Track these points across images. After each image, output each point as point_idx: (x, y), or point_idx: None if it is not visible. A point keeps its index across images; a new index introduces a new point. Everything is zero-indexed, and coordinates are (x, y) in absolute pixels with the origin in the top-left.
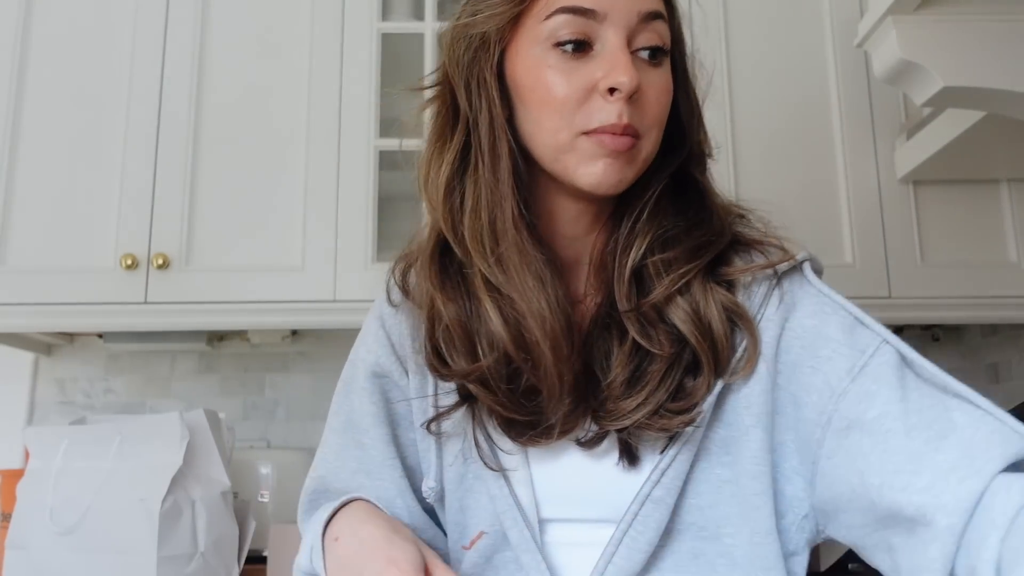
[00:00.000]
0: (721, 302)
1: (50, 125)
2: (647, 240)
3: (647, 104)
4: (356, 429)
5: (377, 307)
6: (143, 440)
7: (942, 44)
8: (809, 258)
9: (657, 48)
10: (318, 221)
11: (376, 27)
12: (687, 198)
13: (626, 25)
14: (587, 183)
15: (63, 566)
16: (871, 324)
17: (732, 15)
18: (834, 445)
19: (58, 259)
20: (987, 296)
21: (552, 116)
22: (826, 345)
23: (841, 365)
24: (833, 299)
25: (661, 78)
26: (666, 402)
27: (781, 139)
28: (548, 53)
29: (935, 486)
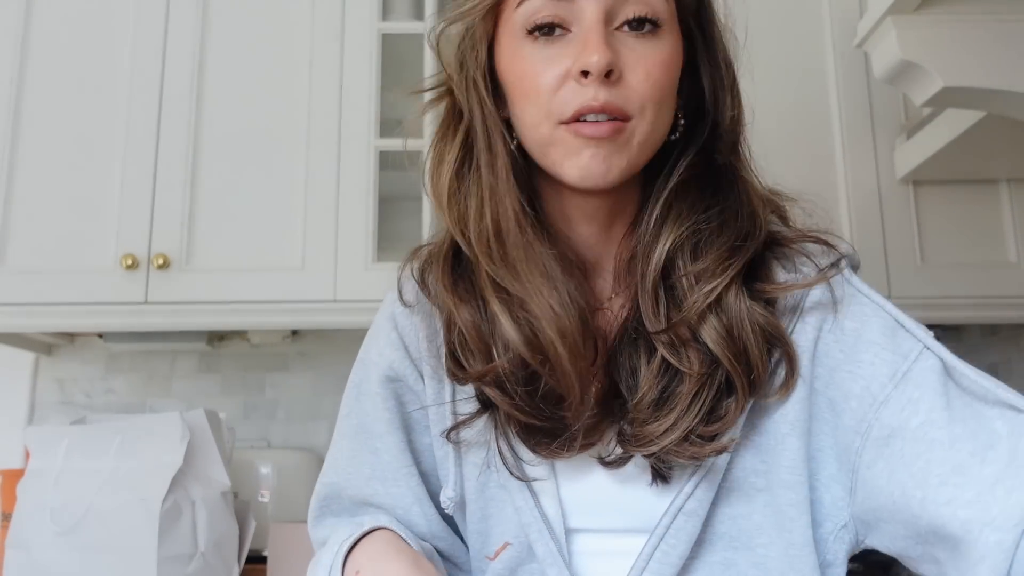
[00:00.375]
0: (758, 322)
1: (50, 125)
2: (671, 241)
3: (634, 82)
4: (369, 434)
5: (388, 307)
6: (143, 440)
7: (942, 44)
8: (849, 254)
9: (643, 19)
10: (318, 221)
11: (376, 27)
12: (718, 187)
13: (599, 1)
14: (573, 177)
15: (63, 566)
16: (912, 328)
17: (731, 15)
18: (875, 454)
19: (58, 259)
20: (987, 296)
21: (532, 108)
22: (867, 349)
23: (883, 371)
24: (873, 299)
25: (653, 50)
26: (697, 427)
27: (781, 139)
28: (523, 42)
29: (981, 499)
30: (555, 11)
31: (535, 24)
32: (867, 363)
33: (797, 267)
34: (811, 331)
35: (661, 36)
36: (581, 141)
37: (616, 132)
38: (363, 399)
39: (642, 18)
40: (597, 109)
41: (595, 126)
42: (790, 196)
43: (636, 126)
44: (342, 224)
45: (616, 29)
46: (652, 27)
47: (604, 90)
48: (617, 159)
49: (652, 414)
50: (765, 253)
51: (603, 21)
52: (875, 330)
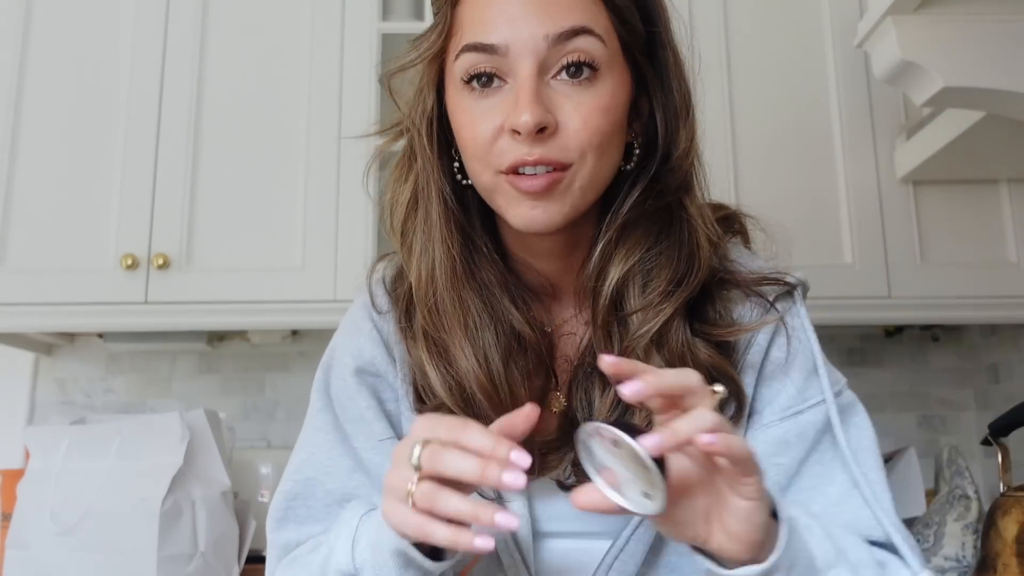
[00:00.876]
0: (702, 361)
1: (50, 125)
2: (618, 276)
3: (572, 130)
4: (349, 425)
5: (363, 308)
6: (143, 440)
7: (942, 44)
8: (802, 282)
9: (579, 65)
10: (318, 221)
11: (376, 27)
12: (667, 222)
13: (534, 53)
14: (518, 224)
15: (63, 566)
16: (823, 376)
17: (732, 15)
18: None
19: (58, 259)
20: (987, 296)
21: (473, 158)
22: (782, 379)
23: (783, 401)
24: (808, 335)
25: (591, 96)
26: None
27: (781, 139)
28: (463, 92)
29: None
30: (490, 63)
31: (470, 75)
32: (776, 389)
33: (752, 306)
34: (759, 353)
35: (600, 80)
36: (520, 194)
37: (554, 183)
38: (340, 394)
39: (578, 64)
40: (532, 163)
41: (532, 180)
42: (751, 215)
43: (576, 172)
44: (342, 224)
45: (552, 78)
46: (590, 71)
47: (539, 146)
48: (558, 207)
49: None
50: (721, 292)
51: (536, 75)
52: (797, 367)
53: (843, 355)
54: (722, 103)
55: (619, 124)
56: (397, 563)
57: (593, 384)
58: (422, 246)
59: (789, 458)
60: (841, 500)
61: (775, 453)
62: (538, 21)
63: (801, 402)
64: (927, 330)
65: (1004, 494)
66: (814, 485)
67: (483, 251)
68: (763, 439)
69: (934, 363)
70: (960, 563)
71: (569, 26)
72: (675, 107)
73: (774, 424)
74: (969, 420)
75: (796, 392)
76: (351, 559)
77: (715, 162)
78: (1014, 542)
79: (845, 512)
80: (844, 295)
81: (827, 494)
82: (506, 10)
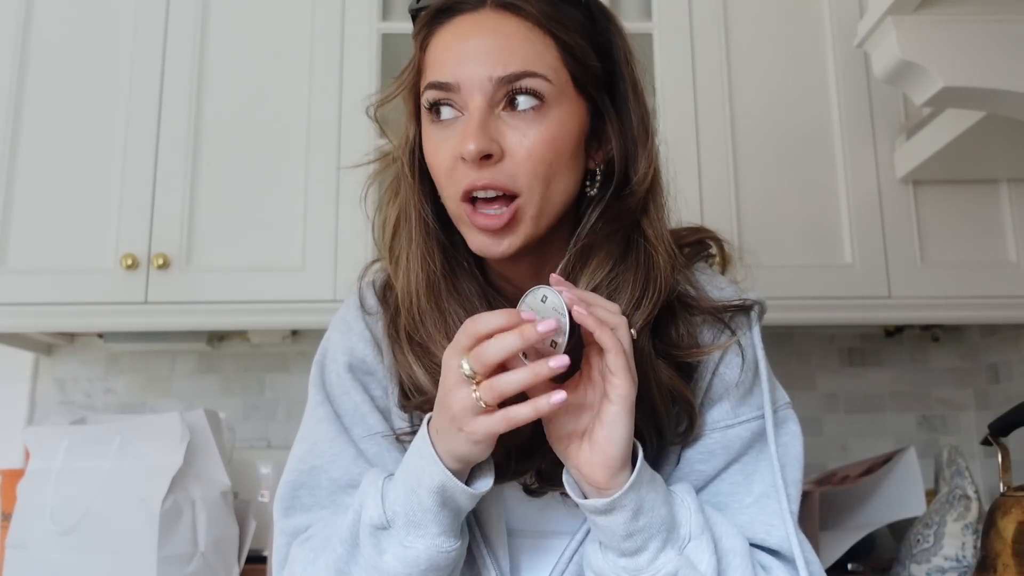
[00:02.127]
0: (663, 380)
1: (50, 125)
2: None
3: (517, 160)
4: (346, 418)
5: (354, 308)
6: (143, 440)
7: (942, 44)
8: (759, 302)
9: (526, 98)
10: (318, 221)
11: (376, 27)
12: (628, 244)
13: (481, 91)
14: (477, 251)
15: (63, 566)
16: (765, 393)
17: (732, 15)
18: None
19: (58, 259)
20: (987, 296)
21: (440, 184)
22: (723, 393)
23: (717, 415)
24: (757, 353)
25: (537, 128)
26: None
27: (781, 139)
28: (429, 124)
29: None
30: (446, 98)
31: (431, 104)
32: (715, 400)
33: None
34: (708, 375)
35: (547, 112)
36: (473, 224)
37: (508, 222)
38: (335, 389)
39: (525, 93)
40: (481, 187)
41: (486, 219)
42: (725, 239)
43: (526, 203)
44: (342, 224)
45: (502, 110)
46: (536, 103)
47: (487, 171)
48: (512, 238)
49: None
50: (684, 314)
51: (485, 108)
52: (740, 384)
53: (843, 355)
54: (722, 103)
55: (568, 153)
56: (435, 502)
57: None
58: (406, 263)
59: (710, 466)
60: (752, 506)
61: (700, 461)
62: (485, 64)
63: (733, 418)
64: (927, 330)
65: (1004, 494)
66: (731, 491)
67: (464, 266)
68: (694, 447)
69: (934, 363)
70: (960, 563)
71: (511, 71)
72: (633, 135)
73: (705, 434)
74: (969, 420)
75: (731, 408)
76: (382, 512)
77: (715, 162)
78: (1014, 542)
79: (753, 517)
80: (844, 295)
81: (741, 500)
82: (460, 54)
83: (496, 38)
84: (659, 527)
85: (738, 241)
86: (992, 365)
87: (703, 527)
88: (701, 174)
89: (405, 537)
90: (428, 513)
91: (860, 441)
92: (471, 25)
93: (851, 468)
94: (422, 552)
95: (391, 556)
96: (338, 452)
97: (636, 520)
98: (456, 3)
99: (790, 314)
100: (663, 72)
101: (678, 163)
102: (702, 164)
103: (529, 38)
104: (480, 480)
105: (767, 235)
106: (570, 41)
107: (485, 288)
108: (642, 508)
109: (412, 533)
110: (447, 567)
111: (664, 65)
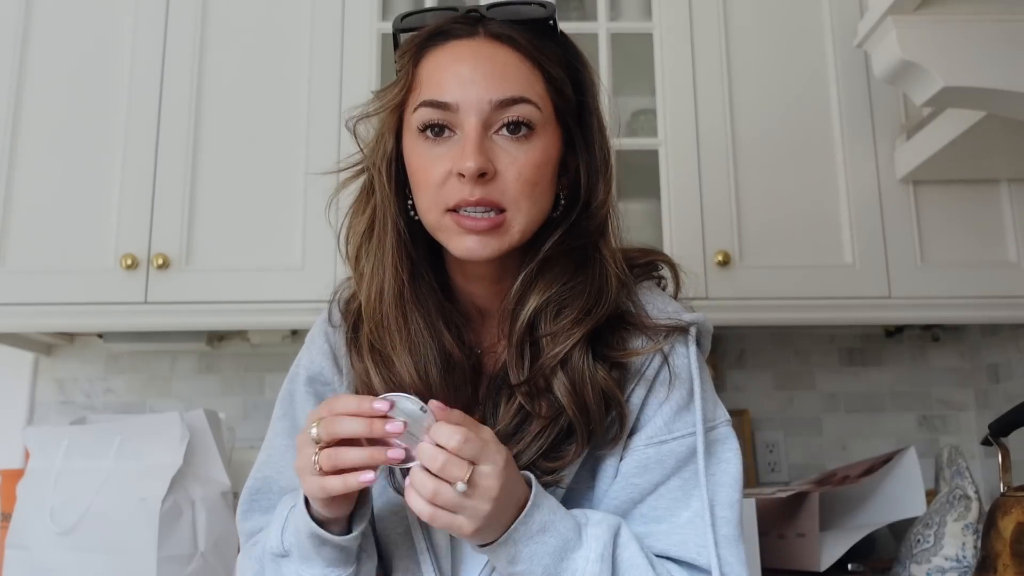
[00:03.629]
0: (600, 384)
1: (50, 125)
2: (534, 306)
3: (508, 180)
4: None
5: (321, 324)
6: (143, 440)
7: (942, 44)
8: (698, 323)
9: (518, 124)
10: (318, 221)
11: (376, 27)
12: (582, 261)
13: (478, 112)
14: (459, 254)
15: (63, 566)
16: (697, 411)
17: (732, 15)
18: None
19: (58, 259)
20: (987, 296)
21: (424, 196)
22: (656, 411)
23: (651, 431)
24: (691, 372)
25: (526, 152)
26: (537, 459)
27: (781, 139)
28: (418, 140)
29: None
30: (443, 117)
31: (426, 125)
32: (649, 419)
33: (645, 341)
34: (643, 391)
35: (535, 138)
36: (463, 230)
37: (495, 226)
38: (295, 402)
39: (517, 123)
40: (473, 203)
41: (474, 221)
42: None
43: (513, 217)
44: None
45: (495, 133)
46: (527, 130)
47: (480, 188)
48: (496, 243)
49: (503, 442)
50: (623, 326)
51: (480, 129)
52: (672, 402)
53: (843, 355)
54: (722, 103)
55: (549, 177)
56: (313, 543)
57: (501, 395)
58: (372, 270)
59: (646, 480)
60: (687, 525)
61: (635, 475)
62: (485, 87)
63: (667, 433)
64: (927, 330)
65: (1004, 494)
66: (668, 506)
67: (424, 279)
68: (629, 461)
69: (934, 363)
70: (960, 563)
71: (510, 95)
72: (596, 164)
73: (639, 449)
74: (969, 420)
75: (663, 424)
76: (280, 543)
77: (715, 162)
78: (1014, 542)
79: (686, 537)
80: (844, 295)
81: (678, 516)
82: (459, 74)
83: (493, 65)
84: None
85: (738, 241)
86: (992, 365)
87: (599, 574)
88: (701, 174)
89: (300, 566)
90: (312, 551)
91: (860, 441)
92: (468, 50)
93: (851, 468)
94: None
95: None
96: (287, 464)
97: (513, 566)
98: (451, 28)
99: (790, 314)
100: (663, 72)
101: (678, 163)
102: (702, 164)
103: (521, 68)
104: (356, 524)
105: (767, 235)
106: (554, 73)
107: (442, 302)
108: (517, 558)
109: (304, 564)
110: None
111: (664, 65)
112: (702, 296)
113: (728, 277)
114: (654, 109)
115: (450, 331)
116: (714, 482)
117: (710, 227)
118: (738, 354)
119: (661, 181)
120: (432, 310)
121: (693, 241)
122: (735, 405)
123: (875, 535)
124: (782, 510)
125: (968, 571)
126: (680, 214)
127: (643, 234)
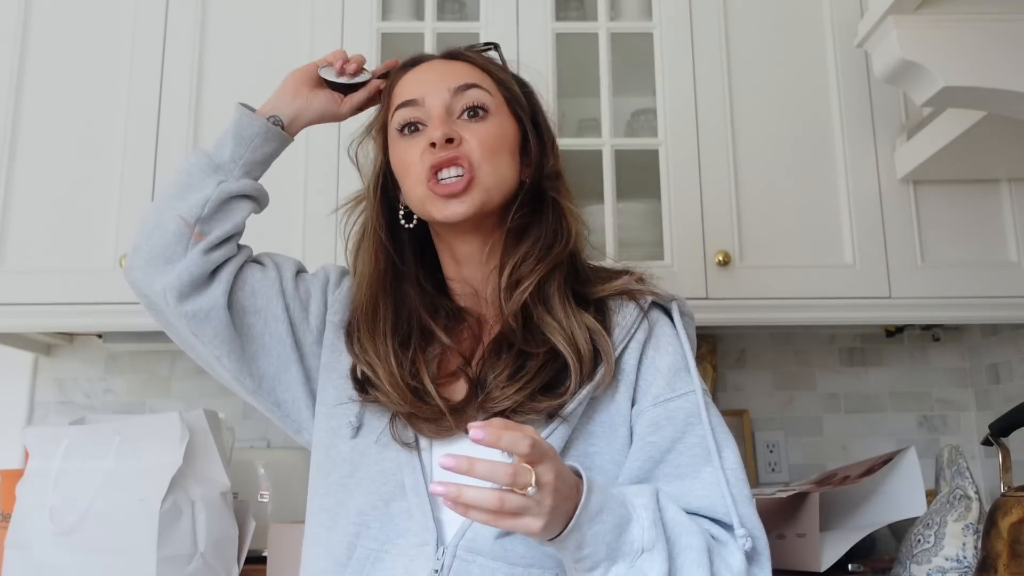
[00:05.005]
0: (586, 324)
1: (50, 125)
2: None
3: (472, 146)
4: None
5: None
6: (143, 440)
7: (942, 44)
8: (677, 300)
9: (474, 108)
10: (318, 221)
11: (376, 27)
12: (544, 212)
13: (440, 100)
14: (443, 217)
15: (63, 566)
16: (693, 373)
17: (732, 15)
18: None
19: (58, 259)
20: (987, 296)
21: (409, 177)
22: (655, 374)
23: (655, 391)
24: (680, 339)
25: (484, 127)
26: (539, 391)
27: (781, 139)
28: (398, 139)
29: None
30: (413, 114)
31: (402, 125)
32: (651, 382)
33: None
34: (635, 355)
35: (489, 119)
36: (441, 196)
37: (467, 185)
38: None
39: (474, 107)
40: (445, 161)
41: (449, 185)
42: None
43: (481, 176)
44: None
45: (457, 118)
46: (482, 112)
47: (450, 150)
48: (472, 200)
49: (506, 382)
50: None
51: (444, 114)
52: (666, 362)
53: (843, 355)
54: (722, 103)
55: (508, 147)
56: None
57: (501, 351)
58: (363, 266)
59: (660, 437)
60: (710, 484)
61: (649, 433)
62: (443, 80)
63: (671, 392)
64: (927, 330)
65: (1004, 494)
66: (690, 463)
67: (405, 273)
68: (641, 423)
69: (934, 363)
70: (960, 563)
71: (464, 82)
72: (544, 143)
73: (648, 410)
74: (969, 420)
75: (666, 384)
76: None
77: (715, 162)
78: (1014, 542)
79: (712, 494)
80: (844, 295)
81: (700, 476)
82: (422, 79)
83: (451, 68)
84: (604, 555)
85: (738, 241)
86: (992, 365)
87: (656, 539)
88: (701, 174)
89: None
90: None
91: (860, 441)
92: (428, 65)
93: (851, 468)
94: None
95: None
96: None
97: (580, 550)
98: (416, 59)
99: (790, 314)
100: (663, 72)
101: (678, 163)
102: (702, 164)
103: (473, 69)
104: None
105: (767, 235)
106: (503, 77)
107: (426, 293)
108: (583, 542)
109: (217, 149)
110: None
111: (664, 65)
112: (702, 296)
113: (728, 277)
114: (654, 109)
115: (433, 318)
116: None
117: (710, 227)
118: (738, 354)
119: (661, 181)
120: (413, 300)
121: (693, 241)
122: (735, 405)
123: (875, 535)
124: (782, 510)
125: (968, 571)
126: (680, 214)
127: (643, 234)
